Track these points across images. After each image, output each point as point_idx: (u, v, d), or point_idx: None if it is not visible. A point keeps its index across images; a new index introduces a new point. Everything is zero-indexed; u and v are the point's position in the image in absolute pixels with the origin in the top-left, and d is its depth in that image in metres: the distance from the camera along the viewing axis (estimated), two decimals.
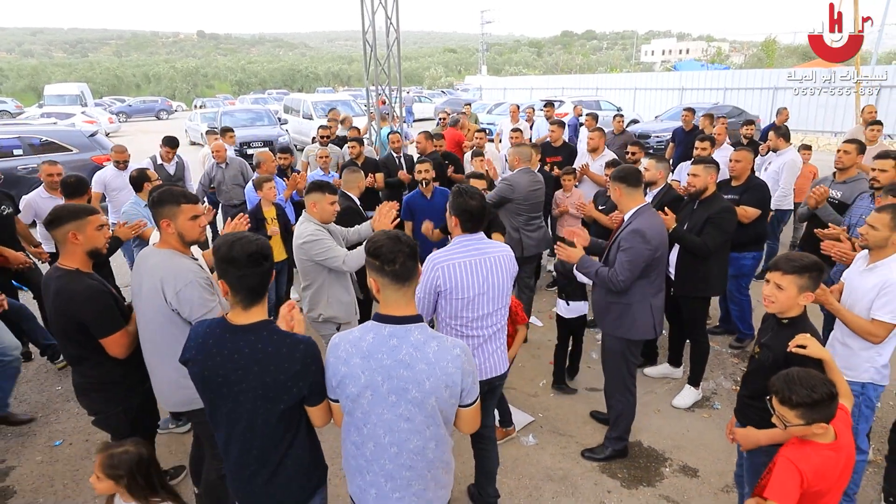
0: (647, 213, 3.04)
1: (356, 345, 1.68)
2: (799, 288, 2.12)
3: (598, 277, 3.04)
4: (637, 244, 2.90)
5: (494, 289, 2.46)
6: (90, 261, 2.48)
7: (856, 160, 4.32)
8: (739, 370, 4.42)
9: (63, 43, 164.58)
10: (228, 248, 1.67)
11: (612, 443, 3.39)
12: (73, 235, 2.39)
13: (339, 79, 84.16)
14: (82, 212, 2.45)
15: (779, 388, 1.80)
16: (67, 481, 3.27)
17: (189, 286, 2.25)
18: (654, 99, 23.58)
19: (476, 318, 2.46)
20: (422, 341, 1.66)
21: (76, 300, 2.31)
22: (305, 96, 18.64)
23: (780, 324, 2.22)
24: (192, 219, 2.37)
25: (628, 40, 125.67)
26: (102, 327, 2.36)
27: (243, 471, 1.80)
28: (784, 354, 2.11)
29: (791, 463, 1.77)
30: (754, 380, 2.29)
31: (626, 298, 3.04)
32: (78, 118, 18.65)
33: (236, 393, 1.69)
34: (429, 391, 1.64)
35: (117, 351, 2.42)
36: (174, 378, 2.39)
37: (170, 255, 2.35)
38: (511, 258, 2.55)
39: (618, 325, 3.11)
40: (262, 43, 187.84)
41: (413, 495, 1.75)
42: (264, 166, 5.43)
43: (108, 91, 62.96)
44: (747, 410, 2.34)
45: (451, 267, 2.37)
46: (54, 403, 4.06)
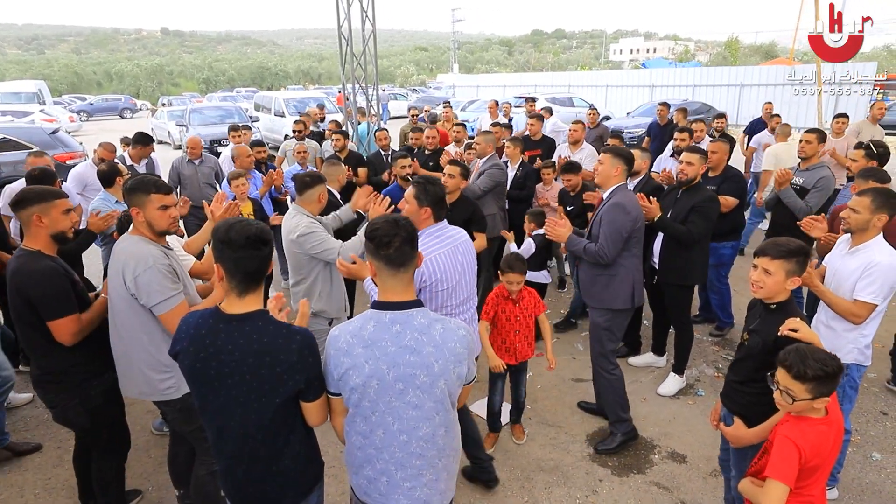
0: (624, 189, 3.24)
1: (357, 335, 1.62)
2: (787, 272, 2.14)
3: (587, 252, 3.20)
4: (619, 216, 3.08)
5: (468, 272, 2.62)
6: (55, 244, 2.45)
7: (817, 149, 4.47)
8: (721, 357, 4.50)
9: (17, 39, 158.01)
10: (226, 229, 1.60)
11: (618, 426, 3.41)
12: (37, 218, 2.36)
13: (310, 77, 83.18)
14: (49, 195, 2.43)
15: (792, 362, 1.78)
16: (39, 491, 3.10)
17: (148, 271, 2.23)
18: (625, 96, 24.00)
19: (459, 304, 2.58)
20: (426, 324, 1.63)
21: (31, 279, 2.28)
22: (277, 93, 18.33)
23: (767, 309, 2.24)
24: (161, 209, 2.35)
25: (597, 39, 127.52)
26: (50, 308, 2.29)
27: (237, 468, 1.72)
28: (774, 339, 2.11)
29: (789, 440, 1.78)
30: (745, 365, 2.30)
31: (611, 270, 3.20)
32: (36, 116, 17.91)
33: (229, 386, 1.61)
34: (437, 374, 1.60)
35: (64, 338, 2.34)
36: (135, 365, 2.37)
37: (136, 241, 2.33)
38: (470, 241, 2.70)
39: (603, 296, 3.26)
40: (229, 40, 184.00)
41: (424, 486, 1.70)
42: (239, 161, 5.24)
43: (67, 89, 60.82)
44: (735, 395, 2.36)
45: (434, 260, 2.42)
46: (23, 409, 3.86)
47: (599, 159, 3.26)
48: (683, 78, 22.28)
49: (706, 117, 12.67)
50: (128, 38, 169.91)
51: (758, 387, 2.20)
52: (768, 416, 2.14)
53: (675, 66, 29.61)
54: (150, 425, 3.63)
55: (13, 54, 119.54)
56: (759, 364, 2.19)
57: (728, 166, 4.56)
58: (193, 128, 13.93)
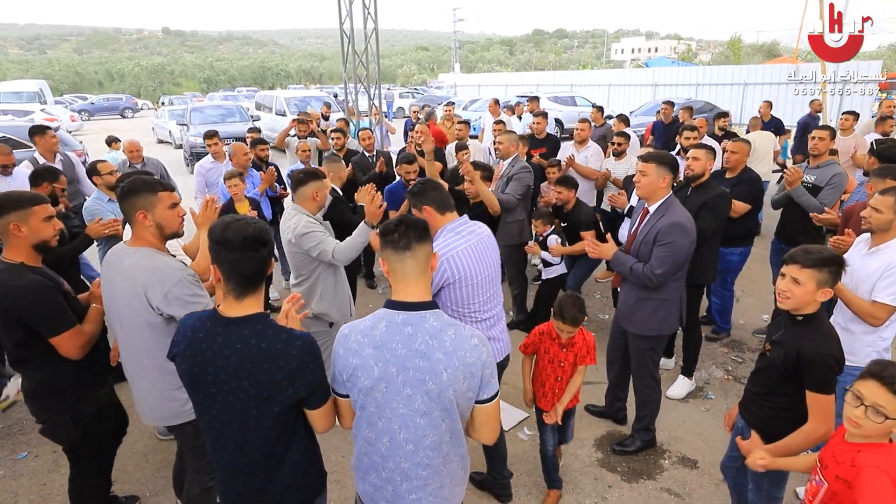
0: (676, 204, 2.93)
1: (368, 334, 1.54)
2: (818, 283, 1.94)
3: (633, 274, 2.91)
4: (679, 238, 2.80)
5: (493, 268, 2.48)
6: (38, 255, 2.22)
7: (829, 146, 4.35)
8: (730, 360, 4.41)
9: (18, 39, 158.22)
10: (223, 229, 1.51)
11: (641, 434, 3.33)
12: (14, 227, 2.13)
13: (311, 76, 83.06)
14: (26, 201, 2.18)
15: (891, 374, 1.55)
16: (34, 496, 3.03)
17: (178, 284, 2.04)
18: (627, 95, 23.89)
19: (485, 301, 2.43)
20: (438, 329, 1.54)
21: (19, 297, 2.06)
22: (278, 92, 18.26)
23: (793, 321, 2.05)
24: (171, 207, 2.16)
25: (598, 39, 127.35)
26: (50, 326, 2.11)
27: (235, 478, 1.63)
28: (797, 353, 1.96)
29: (881, 471, 1.55)
30: (765, 377, 2.18)
31: (661, 294, 2.93)
32: (37, 116, 17.82)
33: (226, 392, 1.53)
34: (446, 383, 1.51)
35: (71, 352, 2.17)
36: (160, 389, 2.17)
37: (149, 255, 2.10)
38: (493, 237, 2.56)
39: (650, 323, 3.02)
40: (229, 40, 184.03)
41: (430, 495, 1.63)
42: (235, 159, 5.08)
43: (68, 89, 60.77)
44: (753, 407, 2.25)
45: (457, 256, 2.29)
46: (17, 413, 3.79)
47: (641, 169, 2.93)
48: (686, 77, 22.16)
49: (708, 116, 12.57)
50: (129, 38, 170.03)
51: (778, 401, 2.11)
52: (787, 433, 2.03)
53: (678, 66, 29.50)
54: (156, 431, 3.54)
55: (15, 54, 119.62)
56: (780, 377, 2.07)
57: (746, 168, 4.31)
58: (194, 126, 13.87)
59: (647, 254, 2.89)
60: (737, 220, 4.15)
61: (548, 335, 2.81)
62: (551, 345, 2.79)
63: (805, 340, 1.96)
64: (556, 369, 2.80)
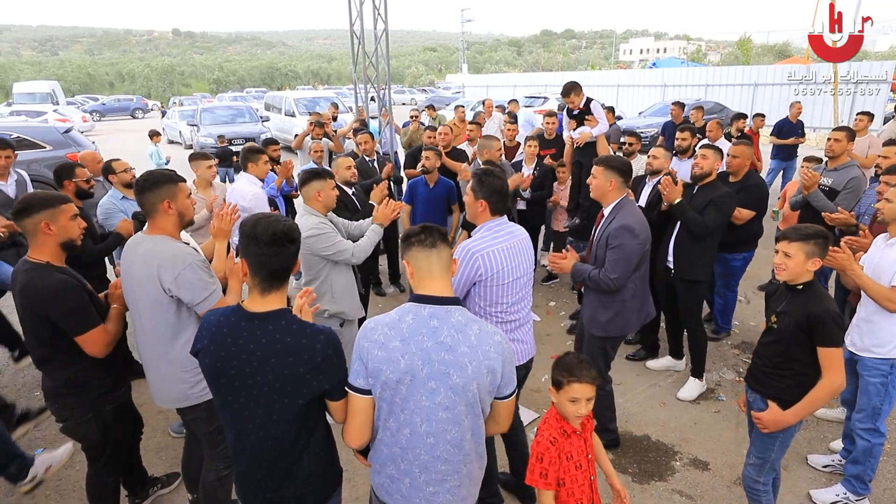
0: (629, 205, 2.96)
1: (395, 327, 1.57)
2: (806, 254, 2.21)
3: (592, 280, 2.95)
4: (626, 240, 2.83)
5: (526, 271, 2.49)
6: (63, 253, 2.28)
7: (846, 147, 4.30)
8: (741, 361, 4.39)
9: (31, 41, 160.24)
10: (253, 224, 1.56)
11: (602, 437, 3.31)
12: (45, 226, 2.18)
13: (319, 77, 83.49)
14: (55, 200, 2.25)
15: None
16: (50, 492, 3.07)
17: (188, 269, 2.16)
18: (636, 96, 23.74)
19: (514, 303, 2.45)
20: (463, 323, 1.58)
21: (44, 296, 2.12)
22: (287, 93, 18.33)
23: (794, 291, 2.30)
24: (189, 197, 2.35)
25: (607, 39, 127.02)
26: (76, 325, 2.18)
27: (255, 473, 1.66)
28: (807, 316, 2.18)
29: None
30: (776, 349, 2.33)
31: (620, 296, 2.96)
32: (50, 116, 18.04)
33: (250, 386, 1.56)
34: (471, 376, 1.54)
35: (96, 350, 2.23)
36: (170, 372, 2.27)
37: (163, 241, 2.23)
38: (529, 240, 2.56)
39: (610, 327, 3.03)
40: (239, 41, 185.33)
41: (447, 492, 1.65)
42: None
43: (80, 90, 61.44)
44: (768, 380, 2.37)
45: (491, 254, 2.31)
46: None
47: (592, 173, 3.00)
48: (695, 77, 22.00)
49: (720, 117, 12.49)
50: (139, 39, 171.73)
51: (796, 366, 2.27)
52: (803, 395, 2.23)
53: (687, 66, 29.30)
54: (168, 428, 3.59)
55: (28, 55, 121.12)
56: (792, 343, 2.24)
57: (750, 172, 4.23)
58: (204, 126, 13.97)
59: (603, 257, 2.93)
60: (741, 225, 4.13)
61: (561, 433, 1.93)
62: (565, 442, 1.93)
63: (811, 304, 2.20)
64: (587, 467, 1.98)
